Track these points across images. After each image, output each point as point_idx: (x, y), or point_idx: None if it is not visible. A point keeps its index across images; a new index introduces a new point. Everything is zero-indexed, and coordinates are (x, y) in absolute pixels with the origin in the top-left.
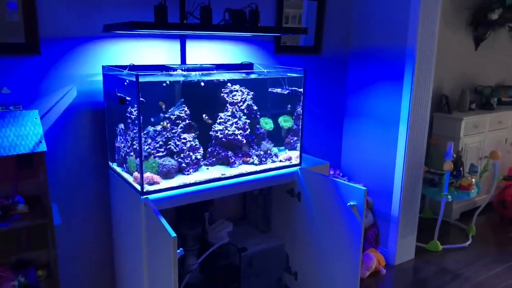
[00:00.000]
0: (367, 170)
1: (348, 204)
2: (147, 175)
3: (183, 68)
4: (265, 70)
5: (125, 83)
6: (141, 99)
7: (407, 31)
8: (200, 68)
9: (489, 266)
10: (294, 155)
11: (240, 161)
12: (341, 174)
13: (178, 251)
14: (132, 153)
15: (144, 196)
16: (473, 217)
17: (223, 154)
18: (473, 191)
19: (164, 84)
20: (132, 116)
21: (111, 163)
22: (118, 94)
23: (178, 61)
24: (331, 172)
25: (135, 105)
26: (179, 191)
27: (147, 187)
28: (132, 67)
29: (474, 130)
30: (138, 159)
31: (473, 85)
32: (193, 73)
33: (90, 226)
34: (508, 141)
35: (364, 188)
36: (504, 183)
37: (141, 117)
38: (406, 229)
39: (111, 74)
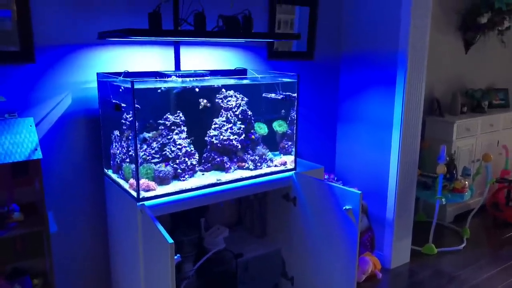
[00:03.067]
0: (361, 174)
1: (344, 208)
2: (143, 181)
3: (177, 75)
4: (259, 76)
5: (120, 90)
6: (136, 105)
7: (398, 35)
8: (195, 74)
9: (484, 269)
10: (289, 159)
11: (235, 166)
12: (335, 178)
13: (175, 257)
14: (127, 160)
15: (140, 203)
16: (467, 220)
17: (219, 159)
18: (467, 193)
19: (159, 91)
20: (127, 123)
21: (106, 170)
22: (114, 101)
23: (172, 67)
24: (326, 177)
25: (130, 112)
26: (175, 197)
27: (143, 194)
28: (127, 74)
29: (466, 133)
30: (134, 165)
31: (464, 88)
32: (188, 79)
33: (86, 233)
34: (499, 144)
35: (359, 192)
36: (496, 185)
37: (137, 124)
38: (401, 233)
39: (106, 81)
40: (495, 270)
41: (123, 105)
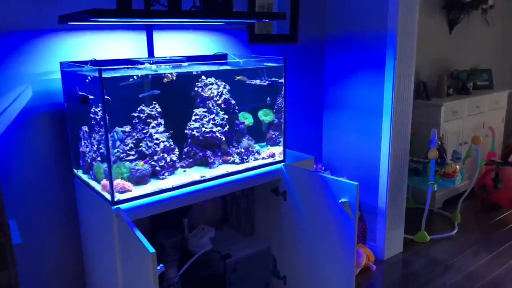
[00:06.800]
0: (351, 162)
1: (340, 201)
2: (117, 182)
3: (151, 62)
4: (241, 61)
5: (87, 80)
6: (105, 97)
7: (386, 15)
8: (170, 61)
9: (478, 255)
10: (277, 151)
11: (220, 160)
12: (323, 168)
13: (158, 268)
14: (99, 158)
15: (115, 206)
16: (458, 205)
17: (201, 154)
18: (458, 178)
19: (131, 80)
20: (96, 117)
21: (75, 170)
22: (80, 93)
23: (145, 54)
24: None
25: (99, 104)
26: (154, 198)
27: (118, 196)
28: (94, 62)
29: (453, 116)
30: (106, 164)
31: (449, 70)
32: (163, 65)
33: (56, 243)
34: (485, 125)
35: (356, 183)
36: (484, 168)
37: (107, 117)
38: (394, 222)
39: (71, 71)
40: (489, 256)
41: (90, 97)
